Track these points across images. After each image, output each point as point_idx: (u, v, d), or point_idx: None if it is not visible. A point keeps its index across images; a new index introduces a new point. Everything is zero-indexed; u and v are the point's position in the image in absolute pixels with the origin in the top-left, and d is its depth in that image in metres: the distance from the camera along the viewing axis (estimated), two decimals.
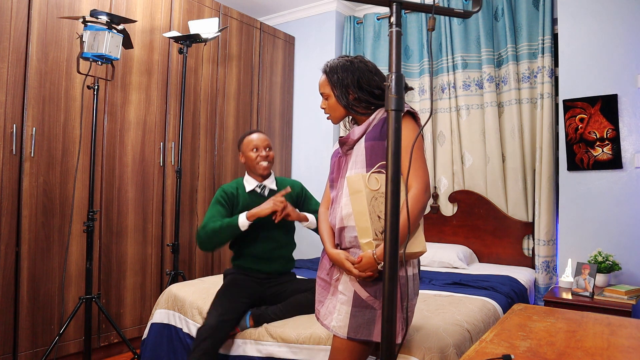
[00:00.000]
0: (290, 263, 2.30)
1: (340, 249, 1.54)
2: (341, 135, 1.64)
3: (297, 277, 2.35)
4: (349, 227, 1.49)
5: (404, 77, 0.95)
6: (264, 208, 2.05)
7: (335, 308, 1.50)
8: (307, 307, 2.06)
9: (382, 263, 1.37)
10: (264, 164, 2.19)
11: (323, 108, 1.63)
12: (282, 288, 2.19)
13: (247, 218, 2.05)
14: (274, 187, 2.24)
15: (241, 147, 2.25)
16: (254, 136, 2.23)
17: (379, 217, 1.40)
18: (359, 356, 1.48)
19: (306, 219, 2.09)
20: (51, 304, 2.56)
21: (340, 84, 1.55)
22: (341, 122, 1.69)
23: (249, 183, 2.24)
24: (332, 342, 1.54)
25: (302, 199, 2.32)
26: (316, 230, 2.09)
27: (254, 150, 2.20)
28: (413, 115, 1.49)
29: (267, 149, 2.21)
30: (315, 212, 2.23)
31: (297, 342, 1.88)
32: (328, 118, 1.64)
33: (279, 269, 2.23)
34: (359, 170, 1.49)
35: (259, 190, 2.22)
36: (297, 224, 2.31)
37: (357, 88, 1.54)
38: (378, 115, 1.53)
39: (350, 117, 1.67)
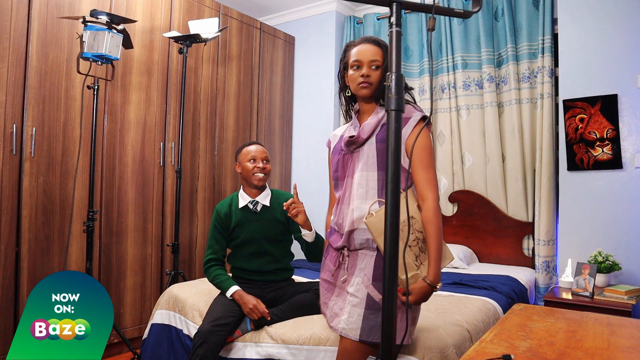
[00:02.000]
0: (288, 272, 2.31)
1: (349, 250, 1.54)
2: (350, 134, 1.60)
3: (297, 281, 2.35)
4: (360, 229, 1.48)
5: (404, 77, 0.95)
6: (246, 305, 2.01)
7: (344, 310, 1.49)
8: (308, 307, 2.06)
9: (440, 284, 1.39)
10: (260, 175, 2.19)
11: (368, 75, 1.51)
12: (282, 292, 2.21)
13: (232, 295, 2.07)
14: (266, 203, 2.24)
15: (239, 157, 2.26)
16: (253, 147, 2.24)
17: (410, 246, 1.41)
18: (367, 358, 1.48)
19: (310, 229, 2.02)
20: None
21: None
22: (341, 116, 1.69)
23: (243, 198, 2.24)
24: (340, 343, 1.53)
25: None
26: (307, 243, 2.07)
27: (252, 161, 2.20)
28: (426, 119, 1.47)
29: (265, 161, 2.22)
30: (299, 239, 2.19)
31: (297, 343, 1.88)
32: (364, 87, 1.52)
33: (276, 278, 2.25)
34: (371, 172, 1.47)
35: (251, 206, 2.23)
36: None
37: None
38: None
39: (356, 111, 1.63)
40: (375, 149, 1.48)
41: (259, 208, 2.23)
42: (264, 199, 2.24)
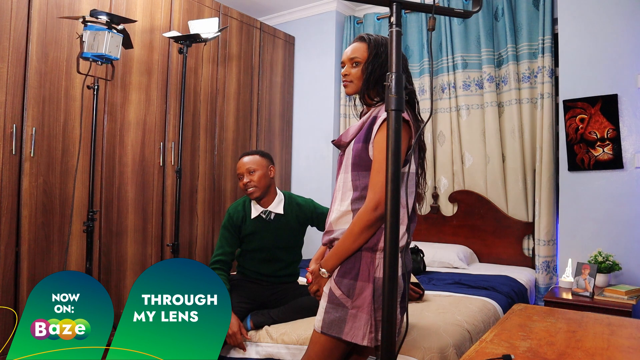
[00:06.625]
0: (294, 277, 2.31)
1: (329, 249, 1.56)
2: (357, 118, 1.61)
3: (300, 283, 2.35)
4: (337, 230, 1.49)
5: (403, 77, 0.95)
6: (229, 327, 1.94)
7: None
8: (309, 310, 2.06)
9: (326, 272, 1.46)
10: (250, 189, 2.13)
11: (346, 74, 1.52)
12: (284, 294, 2.20)
13: None
14: (279, 211, 2.17)
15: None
16: (243, 160, 2.16)
17: None
18: (330, 352, 1.47)
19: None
20: None
21: (379, 57, 1.47)
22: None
23: (255, 208, 2.19)
24: None
25: (314, 217, 2.25)
26: None
27: (240, 178, 2.16)
28: (407, 122, 1.40)
29: (250, 173, 2.13)
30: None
31: (297, 344, 1.88)
32: (345, 86, 1.55)
33: (281, 281, 2.25)
34: (348, 174, 1.47)
35: (264, 216, 2.18)
36: (305, 236, 2.33)
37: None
38: (372, 114, 1.48)
39: (361, 112, 1.62)
40: (352, 150, 1.46)
41: (272, 217, 2.19)
42: (277, 206, 2.19)
